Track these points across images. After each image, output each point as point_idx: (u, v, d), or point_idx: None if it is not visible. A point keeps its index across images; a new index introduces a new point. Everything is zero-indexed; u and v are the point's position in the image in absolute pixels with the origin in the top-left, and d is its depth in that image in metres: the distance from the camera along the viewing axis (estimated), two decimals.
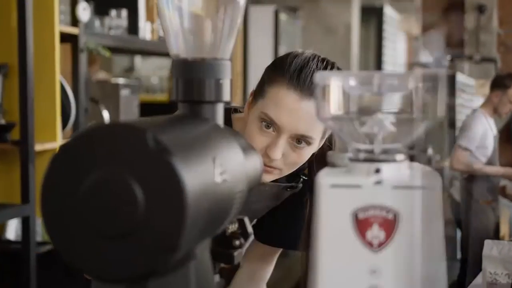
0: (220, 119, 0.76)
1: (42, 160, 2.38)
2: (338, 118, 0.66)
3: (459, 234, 4.48)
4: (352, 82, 0.66)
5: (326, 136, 1.28)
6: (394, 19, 7.87)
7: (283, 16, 4.86)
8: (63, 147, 0.59)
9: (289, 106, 1.17)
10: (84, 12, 2.52)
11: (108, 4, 2.88)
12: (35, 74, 2.30)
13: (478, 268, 1.92)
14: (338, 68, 1.24)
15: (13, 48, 2.30)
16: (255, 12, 4.77)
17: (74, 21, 2.55)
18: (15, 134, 2.31)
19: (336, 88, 0.66)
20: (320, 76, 0.66)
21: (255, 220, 1.46)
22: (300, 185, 1.36)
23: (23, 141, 2.23)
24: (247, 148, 0.79)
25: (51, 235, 0.59)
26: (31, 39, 2.27)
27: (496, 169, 4.18)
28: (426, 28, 9.85)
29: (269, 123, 1.19)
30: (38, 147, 2.32)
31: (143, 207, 0.57)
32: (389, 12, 7.52)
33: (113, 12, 2.87)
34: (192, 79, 0.74)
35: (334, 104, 0.67)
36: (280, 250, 1.48)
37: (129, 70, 5.92)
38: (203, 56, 0.76)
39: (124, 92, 2.96)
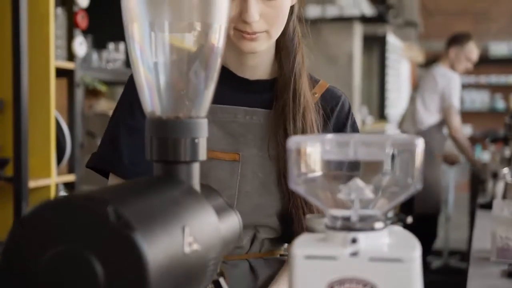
0: (195, 179, 0.73)
1: (36, 197, 2.35)
2: (313, 184, 0.64)
3: None
4: (328, 146, 0.63)
5: None
6: (397, 47, 7.86)
7: None
8: (21, 220, 0.57)
9: None
10: (80, 47, 2.51)
11: (107, 38, 2.87)
12: (30, 110, 2.28)
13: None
14: None
15: (8, 83, 2.29)
16: None
17: (71, 56, 2.55)
18: (9, 170, 2.28)
19: (311, 152, 0.63)
20: (293, 141, 0.63)
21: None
22: None
23: (16, 178, 2.20)
24: (223, 209, 0.76)
25: None
26: (26, 74, 2.26)
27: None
28: (429, 55, 9.88)
29: None
30: (32, 183, 2.29)
31: (103, 286, 0.54)
32: (392, 40, 7.52)
33: (111, 46, 2.86)
34: (167, 138, 0.72)
35: (309, 168, 0.64)
36: None
37: None
38: (178, 114, 0.74)
39: None
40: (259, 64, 1.24)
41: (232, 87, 1.23)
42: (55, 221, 0.56)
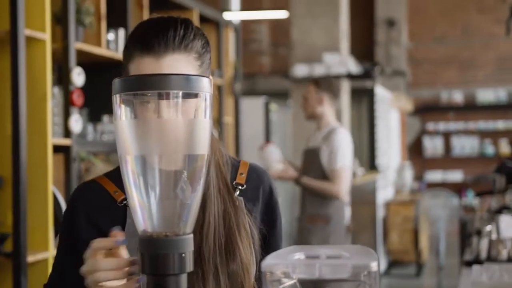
0: None
1: (34, 271, 2.44)
2: None
3: None
4: (298, 269, 0.73)
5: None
6: (386, 97, 8.03)
7: (273, 107, 5.01)
8: None
9: (150, 70, 1.13)
10: (76, 124, 2.63)
11: (101, 110, 3.00)
12: (28, 186, 2.39)
13: None
14: (183, 23, 1.18)
15: (7, 161, 2.40)
16: (246, 103, 4.94)
17: (67, 132, 2.66)
18: (7, 246, 2.37)
19: (282, 273, 0.74)
20: (265, 264, 0.73)
21: None
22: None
23: (15, 253, 2.29)
24: None
25: None
26: (25, 151, 2.37)
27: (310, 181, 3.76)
28: (418, 103, 10.07)
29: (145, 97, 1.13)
30: (30, 258, 2.38)
31: None
32: (380, 91, 7.68)
33: (106, 118, 2.99)
34: (157, 254, 0.83)
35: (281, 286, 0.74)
36: None
37: None
38: (167, 232, 0.84)
39: None
40: None
41: None
42: None
